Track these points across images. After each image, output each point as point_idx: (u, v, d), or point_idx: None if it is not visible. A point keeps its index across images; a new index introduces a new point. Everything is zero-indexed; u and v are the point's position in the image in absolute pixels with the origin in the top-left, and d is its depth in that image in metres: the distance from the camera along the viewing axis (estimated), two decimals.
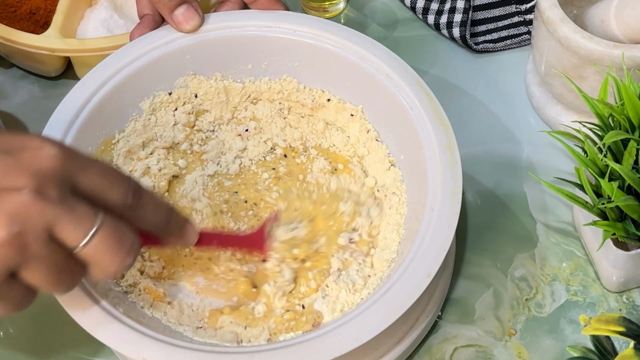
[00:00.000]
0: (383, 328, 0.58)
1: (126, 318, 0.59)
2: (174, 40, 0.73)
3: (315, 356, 0.57)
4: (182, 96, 0.75)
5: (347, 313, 0.61)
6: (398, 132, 0.71)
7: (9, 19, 0.85)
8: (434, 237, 0.62)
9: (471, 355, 0.69)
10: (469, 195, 0.77)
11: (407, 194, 0.69)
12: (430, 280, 0.60)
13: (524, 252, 0.74)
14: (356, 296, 0.65)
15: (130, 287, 0.65)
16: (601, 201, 0.64)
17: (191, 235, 0.61)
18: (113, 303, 0.61)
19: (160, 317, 0.64)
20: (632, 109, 0.64)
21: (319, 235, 0.69)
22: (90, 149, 0.70)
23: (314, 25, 0.74)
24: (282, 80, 0.76)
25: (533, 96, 0.82)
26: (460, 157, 0.66)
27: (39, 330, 0.71)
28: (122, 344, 0.58)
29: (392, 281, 0.60)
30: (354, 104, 0.75)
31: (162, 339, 0.59)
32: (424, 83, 0.70)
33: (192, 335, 0.63)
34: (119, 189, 0.54)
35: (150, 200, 0.56)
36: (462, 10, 0.86)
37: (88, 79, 0.71)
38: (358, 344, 0.58)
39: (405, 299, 0.59)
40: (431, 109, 0.69)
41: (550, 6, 0.73)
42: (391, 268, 0.65)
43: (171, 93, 0.74)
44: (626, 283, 0.70)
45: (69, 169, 0.51)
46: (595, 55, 0.71)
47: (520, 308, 0.71)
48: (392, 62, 0.72)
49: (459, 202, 0.64)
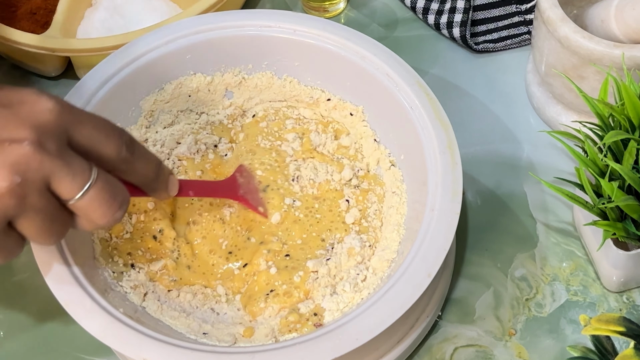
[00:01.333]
0: (384, 328, 0.58)
1: (126, 318, 0.59)
2: (174, 40, 0.73)
3: (315, 356, 0.57)
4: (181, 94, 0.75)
5: (347, 313, 0.61)
6: (398, 132, 0.71)
7: (9, 19, 0.85)
8: (434, 237, 0.62)
9: (471, 355, 0.69)
10: (469, 195, 0.77)
11: (408, 194, 0.69)
12: (430, 280, 0.60)
13: (524, 252, 0.74)
14: (357, 296, 0.65)
15: (132, 288, 0.65)
16: (601, 201, 0.64)
17: (174, 187, 0.62)
18: (113, 303, 0.61)
19: (160, 317, 0.64)
20: (632, 108, 0.64)
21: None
22: None
23: (314, 25, 0.74)
24: (282, 80, 0.76)
25: (533, 96, 0.82)
26: (460, 157, 0.66)
27: (39, 330, 0.71)
28: (123, 344, 0.58)
29: (392, 281, 0.60)
30: (355, 104, 0.75)
31: (162, 338, 0.59)
32: (424, 83, 0.70)
33: (193, 337, 0.63)
34: (114, 143, 0.55)
35: (142, 154, 0.57)
36: (462, 10, 0.86)
37: (89, 79, 0.71)
38: (358, 344, 0.58)
39: (406, 299, 0.59)
40: (431, 109, 0.69)
41: (551, 6, 0.73)
42: (391, 268, 0.65)
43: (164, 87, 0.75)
44: (626, 283, 0.70)
45: (65, 122, 0.52)
46: (596, 55, 0.71)
47: (521, 308, 0.71)
48: (393, 62, 0.72)
49: (459, 202, 0.64)
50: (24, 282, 0.73)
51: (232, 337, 0.64)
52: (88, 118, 0.54)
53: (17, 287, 0.73)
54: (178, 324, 0.64)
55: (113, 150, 0.55)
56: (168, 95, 0.74)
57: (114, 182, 0.54)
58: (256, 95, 0.77)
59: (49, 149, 0.51)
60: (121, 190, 0.55)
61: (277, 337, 0.64)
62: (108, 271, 0.65)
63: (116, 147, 0.55)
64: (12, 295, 0.73)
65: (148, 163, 0.58)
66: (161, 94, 0.74)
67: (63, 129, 0.52)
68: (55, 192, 0.52)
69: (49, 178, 0.51)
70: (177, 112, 0.75)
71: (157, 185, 0.60)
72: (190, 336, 0.63)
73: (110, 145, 0.55)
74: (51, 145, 0.51)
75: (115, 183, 0.54)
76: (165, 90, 0.74)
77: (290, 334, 0.64)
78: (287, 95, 0.76)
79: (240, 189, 0.70)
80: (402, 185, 0.70)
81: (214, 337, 0.63)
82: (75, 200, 0.52)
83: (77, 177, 0.52)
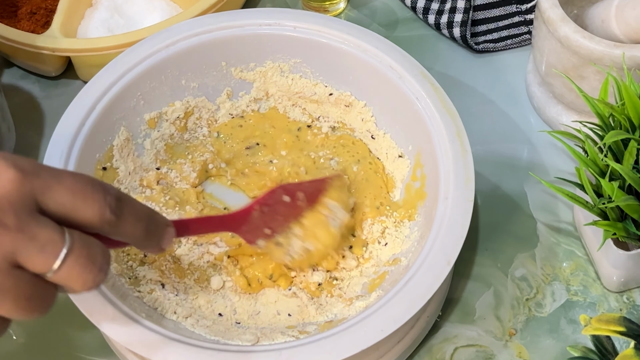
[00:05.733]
0: (407, 318, 0.59)
1: (149, 322, 0.59)
2: (175, 42, 0.73)
3: (342, 349, 0.58)
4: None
5: (370, 305, 0.61)
6: (405, 123, 0.71)
7: (9, 19, 0.85)
8: (450, 225, 0.63)
9: (471, 355, 0.69)
10: None
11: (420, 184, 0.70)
12: (450, 268, 0.61)
13: (524, 251, 0.74)
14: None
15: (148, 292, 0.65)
16: (602, 201, 0.64)
17: (167, 242, 0.56)
18: (134, 308, 0.60)
19: (181, 321, 0.64)
20: (633, 108, 0.64)
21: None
22: (98, 155, 0.70)
23: (314, 22, 0.74)
24: (285, 77, 0.76)
25: (533, 96, 0.82)
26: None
27: (39, 330, 0.71)
28: (149, 349, 0.58)
29: (412, 271, 0.61)
30: (358, 98, 0.75)
31: (188, 341, 0.59)
32: (428, 73, 0.71)
33: (214, 337, 0.63)
34: (94, 206, 0.49)
35: (131, 212, 0.52)
36: (462, 10, 0.86)
37: (92, 85, 0.71)
38: (384, 334, 0.58)
39: (427, 288, 0.60)
40: (437, 99, 0.69)
41: (551, 6, 0.73)
42: (409, 258, 0.65)
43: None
44: (626, 283, 0.70)
45: (29, 190, 0.48)
46: (596, 55, 0.71)
47: (521, 308, 0.71)
48: (395, 54, 0.72)
49: (472, 189, 0.64)
50: None
51: (254, 337, 0.63)
52: (60, 181, 0.48)
53: None
54: (197, 327, 0.64)
55: (94, 214, 0.49)
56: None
57: (91, 243, 0.49)
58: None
59: (7, 224, 0.46)
60: (101, 250, 0.50)
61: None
62: (124, 277, 0.65)
63: (98, 210, 0.49)
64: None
65: (137, 222, 0.52)
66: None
67: (26, 197, 0.47)
68: (27, 268, 0.47)
69: (12, 255, 0.46)
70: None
71: (147, 243, 0.54)
72: (212, 337, 0.62)
73: (89, 209, 0.49)
74: (10, 219, 0.46)
75: (93, 245, 0.49)
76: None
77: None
78: (291, 92, 0.76)
79: (249, 223, 0.65)
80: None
81: (235, 337, 0.63)
82: (53, 273, 0.47)
83: (47, 249, 0.47)
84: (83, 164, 0.67)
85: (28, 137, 0.82)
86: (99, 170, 0.69)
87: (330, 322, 0.65)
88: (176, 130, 0.75)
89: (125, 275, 0.65)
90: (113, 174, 0.70)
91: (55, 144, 0.67)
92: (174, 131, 0.75)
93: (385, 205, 0.71)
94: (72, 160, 0.66)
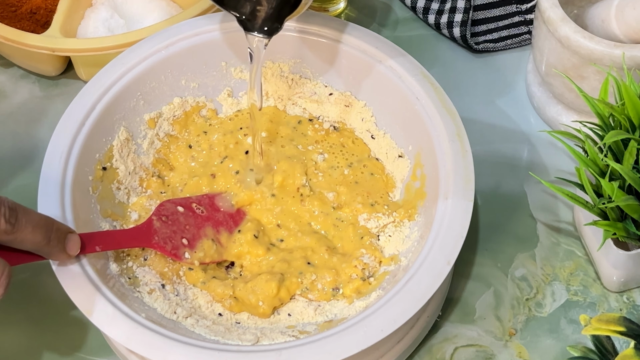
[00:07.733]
0: (407, 318, 0.59)
1: (149, 322, 0.59)
2: (175, 42, 0.73)
3: (342, 349, 0.58)
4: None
5: (370, 305, 0.61)
6: (405, 123, 0.71)
7: (9, 19, 0.85)
8: (450, 225, 0.63)
9: (471, 355, 0.69)
10: None
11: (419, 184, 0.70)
12: (450, 268, 0.61)
13: (524, 251, 0.74)
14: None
15: (148, 293, 0.65)
16: (602, 201, 0.64)
17: (73, 247, 0.58)
18: (134, 308, 0.60)
19: (181, 321, 0.64)
20: (633, 108, 0.64)
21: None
22: (98, 155, 0.70)
23: (314, 22, 0.74)
24: (285, 77, 0.76)
25: (533, 96, 0.82)
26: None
27: (40, 330, 0.71)
28: (149, 349, 0.58)
29: (412, 271, 0.61)
30: (358, 98, 0.75)
31: (188, 341, 0.59)
32: (428, 73, 0.71)
33: (214, 337, 0.63)
34: None
35: (28, 220, 0.53)
36: (462, 10, 0.86)
37: (92, 85, 0.71)
38: (384, 335, 0.58)
39: (427, 288, 0.60)
40: (437, 98, 0.69)
41: (551, 6, 0.73)
42: (409, 258, 0.65)
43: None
44: (626, 283, 0.70)
45: None
46: (596, 55, 0.71)
47: (521, 308, 0.71)
48: (395, 54, 0.72)
49: (472, 189, 0.64)
50: (24, 282, 0.73)
51: (254, 337, 0.63)
52: None
53: (18, 287, 0.73)
54: (197, 327, 0.64)
55: None
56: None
57: None
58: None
59: None
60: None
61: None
62: (124, 277, 0.65)
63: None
64: (12, 295, 0.73)
65: (35, 229, 0.53)
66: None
67: None
68: None
69: None
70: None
71: (51, 250, 0.56)
72: (212, 337, 0.62)
73: None
74: None
75: None
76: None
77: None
78: (291, 92, 0.76)
79: (157, 234, 0.66)
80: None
81: (235, 337, 0.63)
82: None
83: None
84: (83, 164, 0.67)
85: (28, 137, 0.82)
86: (99, 170, 0.69)
87: (330, 322, 0.65)
88: (176, 130, 0.75)
89: (125, 275, 0.65)
90: (113, 174, 0.71)
91: (55, 144, 0.67)
92: (173, 131, 0.75)
93: (383, 204, 0.71)
94: (72, 160, 0.67)
